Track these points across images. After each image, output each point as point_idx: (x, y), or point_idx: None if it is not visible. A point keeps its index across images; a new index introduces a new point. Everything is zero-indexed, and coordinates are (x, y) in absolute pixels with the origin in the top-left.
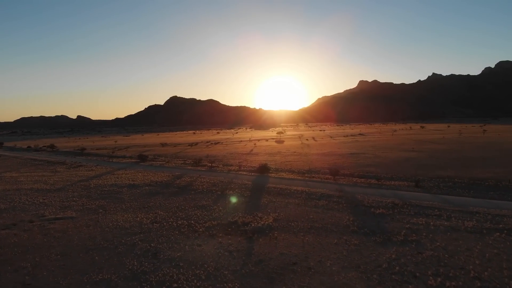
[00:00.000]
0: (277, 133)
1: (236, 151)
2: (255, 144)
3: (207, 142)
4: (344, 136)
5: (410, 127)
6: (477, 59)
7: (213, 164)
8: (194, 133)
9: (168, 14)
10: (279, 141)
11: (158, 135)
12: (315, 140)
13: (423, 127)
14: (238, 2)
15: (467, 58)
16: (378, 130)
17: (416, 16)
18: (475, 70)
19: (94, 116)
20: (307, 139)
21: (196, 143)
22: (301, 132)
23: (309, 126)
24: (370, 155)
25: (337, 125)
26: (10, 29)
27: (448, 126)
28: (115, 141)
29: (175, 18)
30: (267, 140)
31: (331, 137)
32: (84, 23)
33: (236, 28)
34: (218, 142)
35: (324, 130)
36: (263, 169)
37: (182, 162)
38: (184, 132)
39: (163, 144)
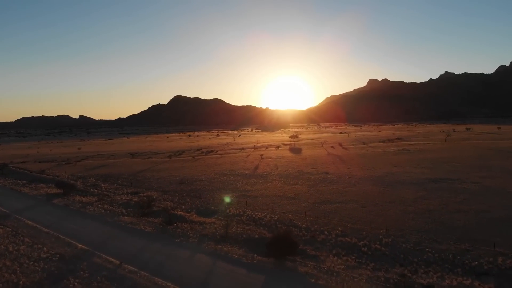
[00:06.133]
0: (289, 137)
1: (232, 169)
2: (261, 155)
3: (198, 149)
4: (380, 142)
5: (453, 129)
6: (490, 57)
7: (176, 212)
8: (189, 135)
9: (174, 13)
10: (295, 150)
11: (146, 138)
12: (345, 148)
13: (469, 129)
14: (246, 0)
15: (479, 56)
16: (414, 133)
17: (427, 15)
18: (489, 68)
19: (97, 116)
20: (332, 146)
21: (182, 152)
22: (319, 135)
23: (322, 127)
24: (475, 187)
25: (354, 126)
26: (14, 30)
27: (499, 128)
28: (79, 149)
29: (181, 17)
30: (277, 147)
31: (363, 143)
32: (89, 24)
33: (243, 27)
34: (212, 151)
35: (347, 133)
36: (284, 246)
37: (127, 199)
38: (180, 134)
39: (134, 155)
